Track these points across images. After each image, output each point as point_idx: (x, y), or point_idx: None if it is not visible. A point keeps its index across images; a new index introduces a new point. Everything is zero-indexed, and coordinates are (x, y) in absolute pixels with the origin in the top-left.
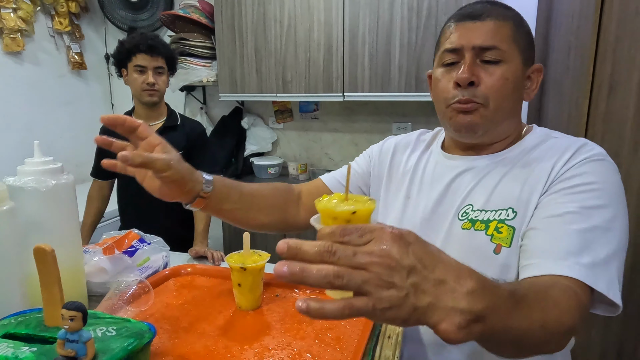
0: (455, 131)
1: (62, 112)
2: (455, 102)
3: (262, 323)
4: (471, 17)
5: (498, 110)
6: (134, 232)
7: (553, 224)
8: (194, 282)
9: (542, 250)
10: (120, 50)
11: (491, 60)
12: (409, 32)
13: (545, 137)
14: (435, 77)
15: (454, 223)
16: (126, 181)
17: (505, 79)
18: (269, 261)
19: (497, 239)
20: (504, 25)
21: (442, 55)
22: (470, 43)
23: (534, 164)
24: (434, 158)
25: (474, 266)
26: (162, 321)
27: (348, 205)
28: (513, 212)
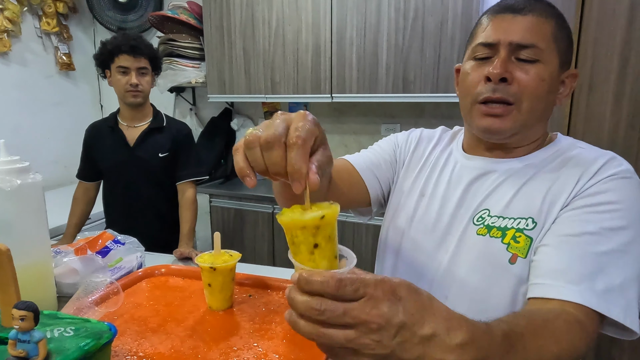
0: (480, 132)
1: (50, 113)
2: (483, 100)
3: (232, 323)
4: (512, 9)
5: (530, 112)
6: (108, 233)
7: (569, 244)
8: (167, 282)
9: (554, 270)
10: (103, 51)
11: (527, 59)
12: (396, 34)
13: (570, 146)
14: (464, 70)
15: (469, 227)
16: (112, 183)
17: (541, 80)
18: (258, 262)
19: (514, 249)
20: (546, 23)
21: (475, 48)
22: (507, 39)
23: (557, 174)
24: (453, 158)
25: (486, 274)
26: (131, 322)
27: (314, 212)
28: (533, 222)
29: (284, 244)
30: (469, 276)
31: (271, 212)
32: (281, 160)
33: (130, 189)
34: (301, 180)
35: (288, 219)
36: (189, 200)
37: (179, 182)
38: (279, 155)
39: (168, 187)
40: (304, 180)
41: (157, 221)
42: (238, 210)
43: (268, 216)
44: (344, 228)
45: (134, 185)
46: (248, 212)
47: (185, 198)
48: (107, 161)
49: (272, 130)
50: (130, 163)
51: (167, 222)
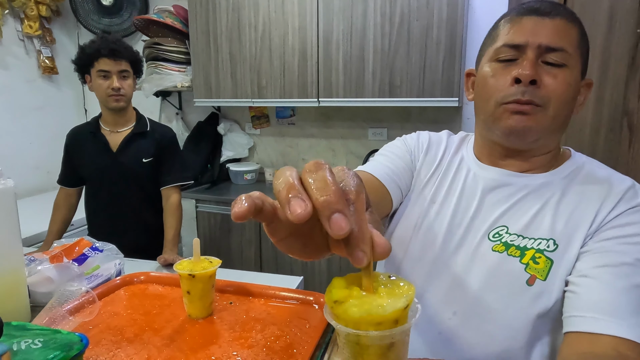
0: (505, 134)
1: (32, 118)
2: (512, 102)
3: (211, 332)
4: (538, 12)
5: (556, 118)
6: (86, 240)
7: (608, 275)
8: (146, 290)
9: (596, 303)
10: (82, 56)
11: (555, 63)
12: (382, 38)
13: (587, 165)
14: (485, 73)
15: (483, 243)
16: (94, 189)
17: (569, 85)
18: (245, 268)
19: (533, 270)
20: (572, 28)
21: (498, 50)
22: (536, 41)
23: (579, 198)
24: (465, 165)
25: (501, 294)
26: (106, 332)
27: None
28: (554, 244)
29: (271, 249)
30: (483, 294)
31: None
32: (346, 225)
33: (113, 195)
34: (365, 247)
35: (357, 314)
36: (173, 206)
37: (163, 187)
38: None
39: (152, 192)
40: (369, 247)
41: (141, 227)
42: (225, 215)
43: (254, 221)
44: None
45: (117, 191)
46: None
47: (170, 203)
48: (89, 167)
49: (331, 188)
50: (113, 169)
51: (151, 229)
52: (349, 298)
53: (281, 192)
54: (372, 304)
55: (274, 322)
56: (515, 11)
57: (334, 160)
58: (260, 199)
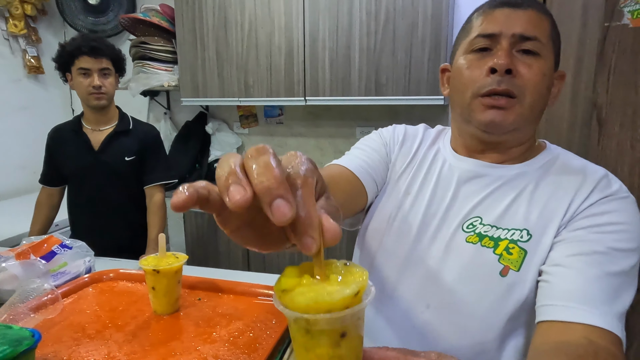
0: (481, 128)
1: (17, 117)
2: (487, 93)
3: (175, 327)
4: (510, 4)
5: (531, 107)
6: (56, 237)
7: (581, 264)
8: (115, 287)
9: (569, 292)
10: (62, 53)
11: (530, 51)
12: (367, 37)
13: (562, 157)
14: (460, 64)
15: (457, 234)
16: (77, 188)
17: (543, 74)
18: (233, 267)
19: (506, 260)
20: (545, 19)
21: (472, 41)
22: (510, 30)
23: (553, 188)
24: (441, 156)
25: (475, 285)
26: (69, 329)
27: (342, 285)
28: (528, 235)
29: None
30: (457, 286)
31: None
32: (289, 210)
33: (95, 194)
34: (313, 233)
35: (304, 302)
36: (156, 205)
37: (146, 186)
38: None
39: (135, 191)
40: (318, 233)
41: (124, 227)
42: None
43: None
44: None
45: (100, 190)
46: None
47: (153, 202)
48: (70, 166)
49: (271, 172)
50: (95, 167)
51: (135, 228)
52: (297, 287)
53: (221, 178)
54: (319, 291)
55: (240, 317)
56: (487, 4)
57: (322, 159)
58: (205, 188)
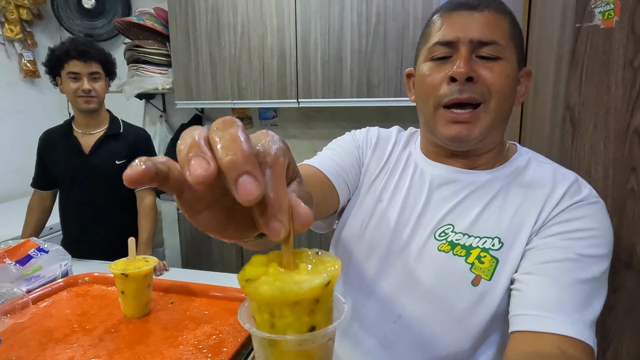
0: (445, 142)
1: (13, 121)
2: (449, 103)
3: (143, 331)
4: (467, 6)
5: (497, 112)
6: (32, 241)
7: (553, 271)
8: (90, 291)
9: (541, 300)
10: (51, 57)
11: (489, 57)
12: (359, 39)
13: (532, 159)
14: (422, 72)
15: (430, 242)
16: (67, 192)
17: (506, 76)
18: (227, 269)
19: (478, 269)
20: (503, 20)
21: (431, 49)
22: (467, 36)
23: (524, 194)
24: (413, 161)
25: (447, 295)
26: (37, 333)
27: (310, 275)
28: (499, 243)
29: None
30: (429, 295)
31: None
32: (256, 189)
33: (86, 198)
34: (282, 217)
35: (269, 292)
36: (147, 208)
37: (137, 189)
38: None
39: (126, 195)
40: (287, 217)
41: (115, 230)
42: None
43: None
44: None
45: (90, 193)
46: None
47: (144, 206)
48: (61, 169)
49: (238, 147)
50: (85, 171)
51: (125, 231)
52: (262, 275)
53: (182, 151)
54: (286, 280)
55: (209, 320)
56: (445, 7)
57: None
58: (165, 164)
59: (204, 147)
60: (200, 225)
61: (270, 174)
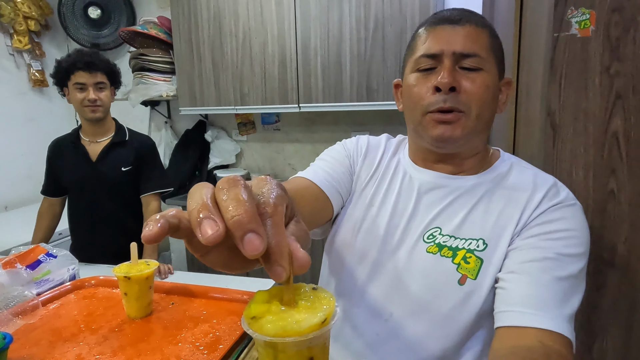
0: (433, 142)
1: (23, 129)
2: (435, 110)
3: (145, 330)
4: (449, 21)
5: (479, 119)
6: (41, 246)
7: (534, 270)
8: (96, 294)
9: (523, 297)
10: (59, 69)
11: (471, 68)
12: (357, 44)
13: (514, 165)
14: (409, 83)
15: (419, 244)
16: (76, 198)
17: (487, 87)
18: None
19: (464, 269)
20: (483, 33)
21: (417, 60)
22: (450, 49)
23: (507, 197)
24: (402, 167)
25: (435, 294)
26: (47, 333)
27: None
28: (484, 244)
29: None
30: (419, 295)
31: None
32: (260, 244)
33: (93, 204)
34: (283, 263)
35: (272, 331)
36: (152, 213)
37: (142, 194)
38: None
39: (132, 201)
40: (288, 262)
41: (122, 235)
42: None
43: None
44: None
45: (98, 200)
46: None
47: (149, 210)
48: (69, 177)
49: (242, 207)
50: (92, 178)
51: (132, 236)
52: (266, 314)
53: (192, 212)
54: (287, 320)
55: (207, 320)
56: (429, 21)
57: None
58: (176, 217)
59: (211, 208)
60: (209, 263)
61: (271, 223)
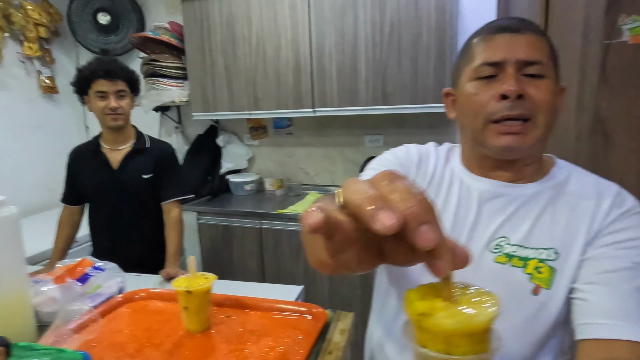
0: (497, 152)
1: (33, 136)
2: (500, 119)
3: (208, 345)
4: (509, 29)
5: (545, 126)
6: (88, 259)
7: (612, 280)
8: (147, 306)
9: (607, 309)
10: (80, 78)
11: (535, 75)
12: (373, 48)
13: (572, 172)
14: (468, 92)
15: (485, 255)
16: (97, 206)
17: (551, 93)
18: (248, 278)
19: (537, 279)
20: (543, 41)
21: (477, 69)
22: (514, 57)
23: (572, 205)
24: (457, 177)
25: (507, 305)
26: (109, 348)
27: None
28: (555, 254)
29: (273, 260)
30: None
31: (259, 227)
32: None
33: (114, 212)
34: (447, 257)
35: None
36: (174, 220)
37: (163, 202)
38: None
39: (153, 208)
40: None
41: (142, 243)
42: (226, 226)
43: (256, 232)
44: None
45: (119, 207)
46: (236, 228)
47: (171, 218)
48: (90, 185)
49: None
50: (114, 186)
51: (152, 244)
52: (434, 310)
53: (363, 203)
54: (463, 314)
55: (268, 333)
56: (486, 30)
57: (331, 167)
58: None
59: (384, 200)
60: (341, 264)
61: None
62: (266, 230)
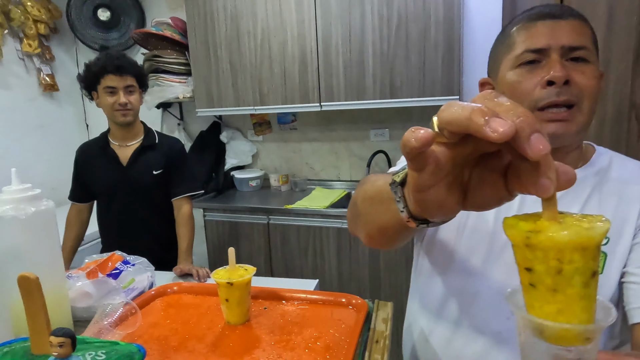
0: None
1: (34, 135)
2: (546, 106)
3: (252, 336)
4: (552, 16)
5: (590, 112)
6: (117, 254)
7: None
8: (180, 300)
9: None
10: (88, 74)
11: (580, 58)
12: (380, 42)
13: (614, 158)
14: (511, 80)
15: None
16: (106, 203)
17: (596, 79)
18: (256, 274)
19: None
20: (585, 26)
21: (520, 57)
22: (558, 42)
23: (618, 190)
24: None
25: None
26: (151, 342)
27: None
28: (606, 238)
29: (281, 254)
30: None
31: (266, 222)
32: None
33: (124, 208)
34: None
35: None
36: (185, 216)
37: (174, 198)
38: None
39: (162, 204)
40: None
41: (152, 239)
42: (233, 223)
43: (263, 227)
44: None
45: (128, 204)
46: (242, 224)
47: (182, 214)
48: (100, 182)
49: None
50: (123, 182)
51: (162, 240)
52: (543, 227)
53: (473, 116)
54: (578, 226)
55: (310, 324)
56: (526, 18)
57: (337, 162)
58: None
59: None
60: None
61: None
62: (274, 226)
